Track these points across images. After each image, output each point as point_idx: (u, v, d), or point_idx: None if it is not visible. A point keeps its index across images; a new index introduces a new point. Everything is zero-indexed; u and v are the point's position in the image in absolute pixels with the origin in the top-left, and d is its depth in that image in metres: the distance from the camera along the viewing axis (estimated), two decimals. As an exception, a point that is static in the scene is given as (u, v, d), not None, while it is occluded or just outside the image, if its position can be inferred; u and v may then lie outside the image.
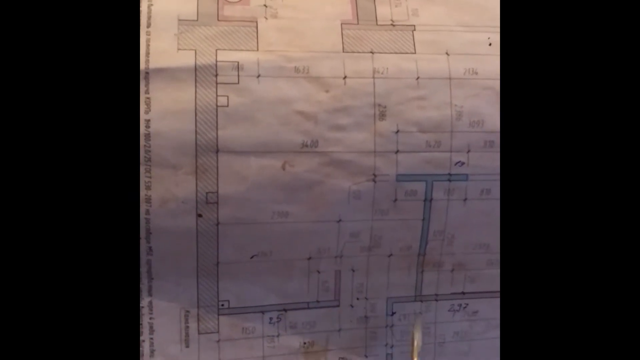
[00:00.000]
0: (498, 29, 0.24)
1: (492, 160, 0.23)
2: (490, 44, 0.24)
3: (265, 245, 0.23)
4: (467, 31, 0.24)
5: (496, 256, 0.25)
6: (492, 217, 0.24)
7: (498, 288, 0.26)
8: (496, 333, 0.26)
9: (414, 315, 0.25)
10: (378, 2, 0.24)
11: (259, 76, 0.22)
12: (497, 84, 0.23)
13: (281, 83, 0.22)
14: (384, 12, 0.24)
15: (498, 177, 0.24)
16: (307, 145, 0.22)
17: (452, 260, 0.25)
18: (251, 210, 0.22)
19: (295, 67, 0.23)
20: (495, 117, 0.23)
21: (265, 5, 0.23)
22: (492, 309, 0.26)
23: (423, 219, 0.24)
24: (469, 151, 0.23)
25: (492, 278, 0.25)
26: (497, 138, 0.23)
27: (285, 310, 0.24)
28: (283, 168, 0.22)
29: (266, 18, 0.23)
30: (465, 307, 0.25)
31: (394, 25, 0.24)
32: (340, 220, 0.23)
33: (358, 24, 0.23)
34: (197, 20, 0.22)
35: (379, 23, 0.24)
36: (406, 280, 0.25)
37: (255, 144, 0.22)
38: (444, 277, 0.25)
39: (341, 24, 0.23)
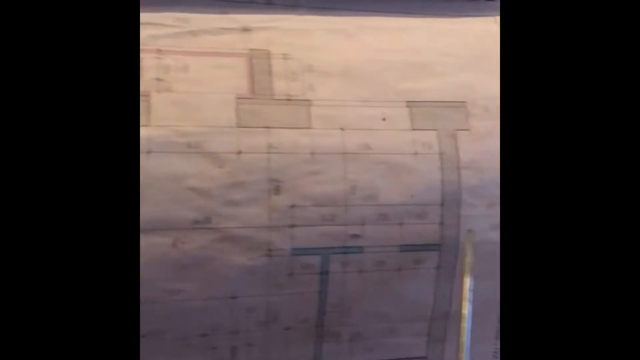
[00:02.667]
0: (392, 104, 0.25)
1: (386, 233, 0.24)
2: (384, 119, 0.24)
3: (157, 324, 0.22)
4: (362, 106, 0.24)
5: (394, 325, 0.25)
6: (388, 287, 0.24)
7: (399, 355, 0.26)
8: (397, 399, 0.26)
9: (466, 233, 0.24)
10: (275, 76, 0.24)
11: (149, 152, 0.22)
12: (389, 158, 0.24)
13: (173, 159, 0.22)
14: (280, 86, 0.24)
15: (392, 248, 0.24)
16: (199, 222, 0.22)
17: (351, 330, 0.25)
18: (141, 288, 0.22)
19: (188, 142, 0.22)
20: (387, 191, 0.24)
21: (158, 79, 0.23)
22: (391, 376, 0.26)
23: (320, 292, 0.24)
24: (363, 224, 0.24)
25: (391, 346, 0.26)
26: (390, 211, 0.24)
27: (179, 388, 0.23)
28: (174, 245, 0.22)
29: (159, 92, 0.23)
30: (364, 376, 0.26)
31: (290, 100, 0.24)
32: (234, 297, 0.23)
33: (254, 98, 0.24)
34: (84, 95, 0.22)
35: (275, 97, 0.24)
36: (305, 352, 0.25)
37: (144, 221, 0.21)
38: (343, 347, 0.25)
39: (236, 98, 0.23)
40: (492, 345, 0.27)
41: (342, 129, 0.24)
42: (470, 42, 0.27)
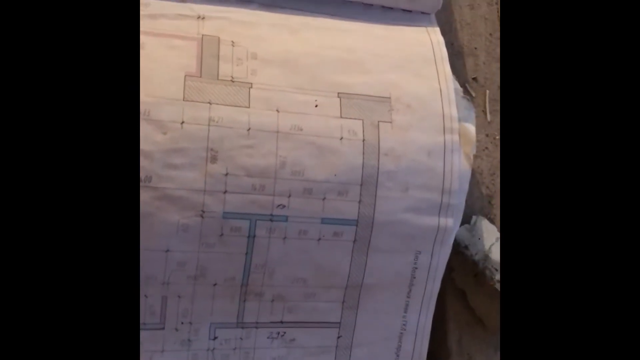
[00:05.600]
0: (325, 93, 0.28)
1: (309, 205, 0.27)
2: (316, 106, 0.28)
3: (95, 269, 0.25)
4: (298, 92, 0.28)
5: (312, 290, 0.28)
6: (309, 255, 0.27)
7: (315, 319, 0.29)
8: (312, 360, 0.29)
9: None
10: (222, 59, 0.27)
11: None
12: (318, 140, 0.27)
13: (122, 122, 0.25)
14: (225, 69, 0.27)
15: (314, 220, 0.27)
16: (141, 180, 0.25)
17: (272, 291, 0.28)
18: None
19: (137, 109, 0.25)
20: (313, 168, 0.27)
21: (116, 52, 0.26)
22: (308, 337, 0.29)
23: (246, 253, 0.27)
24: (289, 196, 0.27)
25: (309, 309, 0.28)
26: (314, 186, 0.27)
27: (111, 331, 0.26)
28: (116, 199, 0.25)
29: (116, 63, 0.25)
30: (283, 335, 0.28)
31: (233, 81, 0.27)
32: (168, 250, 0.26)
33: (201, 77, 0.27)
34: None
35: (220, 78, 0.27)
36: (229, 308, 0.27)
37: (91, 175, 0.24)
38: (264, 306, 0.28)
39: (185, 76, 0.26)
40: (401, 318, 0.30)
41: (277, 111, 0.27)
42: (400, 46, 0.30)
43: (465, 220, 0.32)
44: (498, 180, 0.33)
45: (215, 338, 0.27)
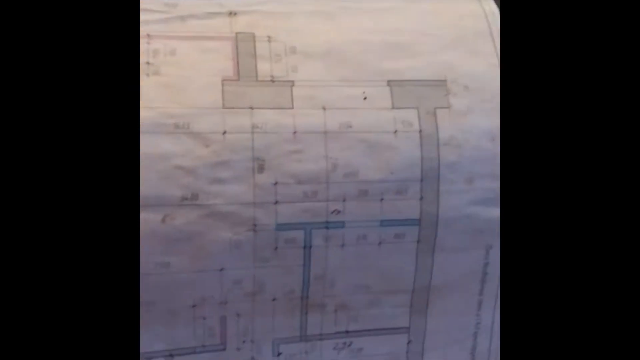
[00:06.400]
0: (373, 83, 0.26)
1: (366, 208, 0.25)
2: (365, 98, 0.25)
3: (148, 296, 0.24)
4: (344, 86, 0.25)
5: (376, 296, 0.26)
6: (370, 260, 0.25)
7: (382, 326, 0.27)
8: (382, 368, 0.28)
9: None
10: (259, 58, 0.25)
11: (140, 133, 0.23)
12: (369, 136, 0.25)
13: (161, 139, 0.23)
14: (264, 68, 0.25)
15: (373, 223, 0.25)
16: (187, 199, 0.23)
17: (335, 301, 0.26)
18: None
19: (175, 123, 0.23)
20: (367, 168, 0.25)
21: (147, 63, 0.24)
22: (376, 346, 0.27)
23: (304, 265, 0.25)
24: (344, 200, 0.25)
25: (375, 317, 0.27)
26: (370, 187, 0.25)
27: (171, 355, 0.25)
28: (163, 221, 0.23)
29: (148, 75, 0.24)
30: (349, 345, 0.27)
31: (273, 81, 0.25)
32: (222, 269, 0.24)
33: (239, 80, 0.25)
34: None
35: (259, 79, 0.25)
36: (291, 322, 0.26)
37: (134, 199, 0.23)
38: (328, 317, 0.26)
39: (222, 80, 0.24)
40: (475, 317, 0.28)
41: (323, 109, 0.25)
42: (450, 21, 0.27)
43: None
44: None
45: (279, 354, 0.26)
